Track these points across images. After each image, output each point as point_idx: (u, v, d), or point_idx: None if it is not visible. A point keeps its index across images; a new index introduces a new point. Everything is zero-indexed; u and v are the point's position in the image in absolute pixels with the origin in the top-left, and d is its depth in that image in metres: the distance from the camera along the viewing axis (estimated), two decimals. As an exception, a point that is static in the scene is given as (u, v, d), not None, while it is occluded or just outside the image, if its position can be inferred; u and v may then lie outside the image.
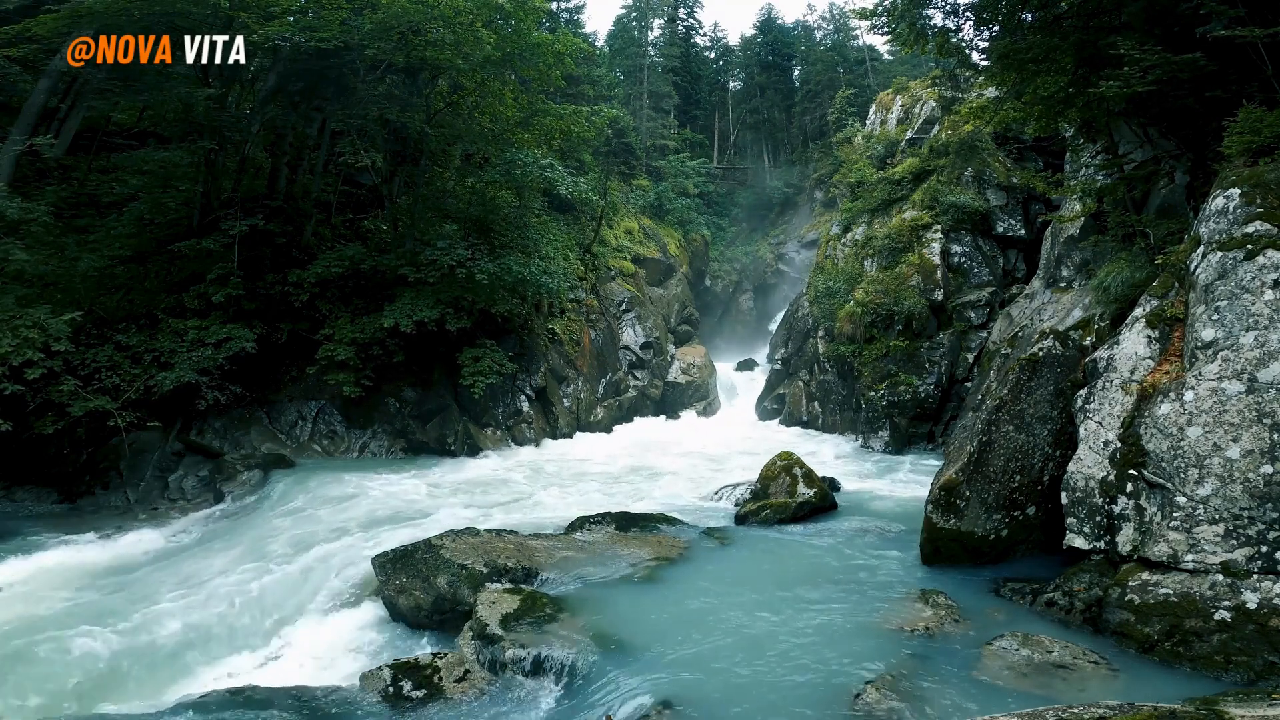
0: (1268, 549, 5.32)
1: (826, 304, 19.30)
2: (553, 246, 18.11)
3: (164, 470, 12.40)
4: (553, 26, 26.99)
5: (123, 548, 9.68)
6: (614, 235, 26.25)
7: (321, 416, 14.41)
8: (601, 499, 11.68)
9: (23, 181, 12.34)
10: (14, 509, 11.05)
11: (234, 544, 9.52)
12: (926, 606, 6.35)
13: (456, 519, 9.78)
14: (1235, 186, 6.39)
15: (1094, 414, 6.62)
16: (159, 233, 13.54)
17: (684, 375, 24.49)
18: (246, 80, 15.24)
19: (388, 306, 14.23)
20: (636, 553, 8.02)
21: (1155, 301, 6.94)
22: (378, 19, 13.20)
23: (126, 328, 12.38)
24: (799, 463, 10.59)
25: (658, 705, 4.83)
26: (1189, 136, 9.23)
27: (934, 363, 16.89)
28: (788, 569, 7.66)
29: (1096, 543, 6.27)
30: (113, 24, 11.58)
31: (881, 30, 12.28)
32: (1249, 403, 5.57)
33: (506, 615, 6.24)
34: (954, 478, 7.33)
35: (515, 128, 17.10)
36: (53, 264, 11.59)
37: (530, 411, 17.11)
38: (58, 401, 10.95)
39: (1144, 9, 8.29)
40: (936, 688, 5.00)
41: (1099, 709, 3.50)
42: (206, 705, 5.42)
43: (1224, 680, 5.02)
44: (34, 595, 7.81)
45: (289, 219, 14.99)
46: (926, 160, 20.16)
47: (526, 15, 15.60)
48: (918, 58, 29.00)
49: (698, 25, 50.33)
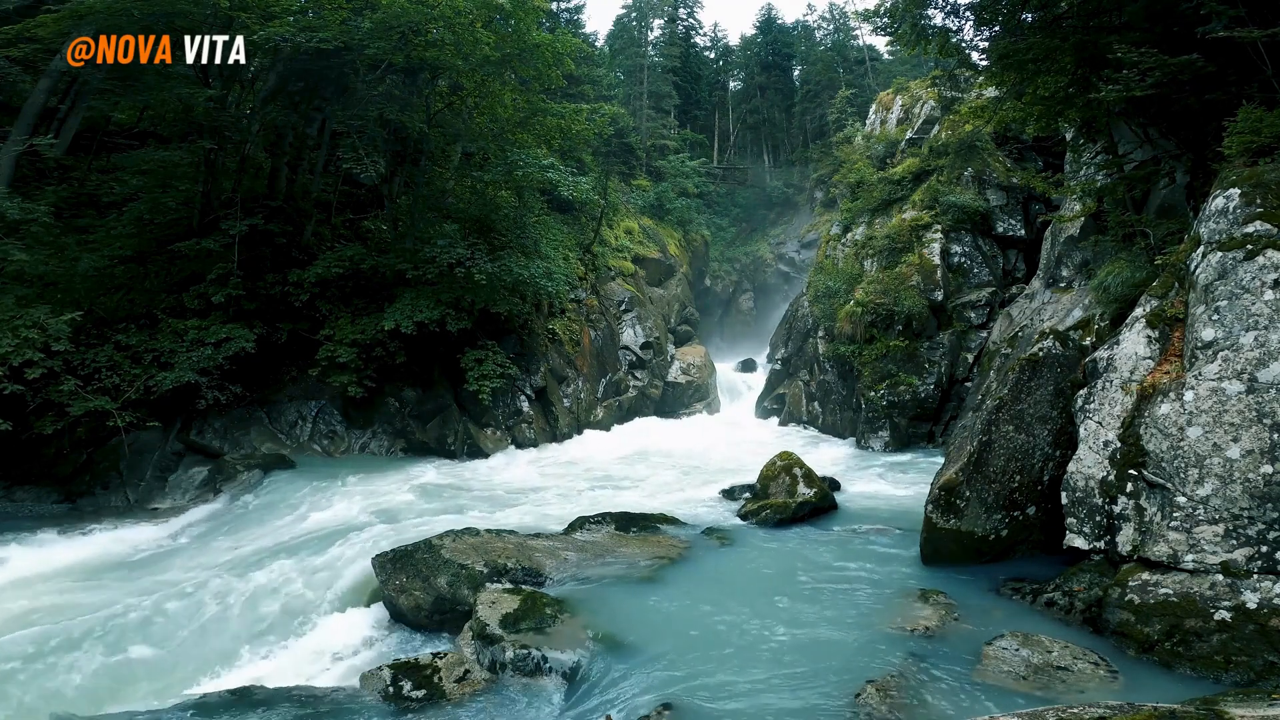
0: (1268, 549, 5.32)
1: (826, 304, 19.30)
2: (553, 246, 18.11)
3: (164, 470, 12.40)
4: (553, 26, 26.99)
5: (122, 547, 9.67)
6: (614, 235, 26.24)
7: (321, 416, 14.41)
8: (601, 499, 11.67)
9: (23, 181, 12.34)
10: (14, 509, 11.05)
11: (234, 544, 9.53)
12: (926, 606, 6.35)
13: (456, 519, 9.78)
14: (1235, 186, 6.39)
15: (1094, 414, 6.62)
16: (159, 233, 13.54)
17: (684, 375, 24.48)
18: (246, 80, 15.24)
19: (388, 307, 14.23)
20: (636, 553, 8.02)
21: (1155, 301, 6.94)
22: (378, 19, 13.20)
23: (126, 328, 12.38)
24: (799, 463, 10.59)
25: (658, 706, 4.83)
26: (1189, 136, 9.23)
27: (934, 363, 16.89)
28: (788, 569, 7.66)
29: (1096, 543, 6.27)
30: (113, 24, 11.58)
31: (882, 31, 12.30)
32: (1249, 403, 5.57)
33: (506, 615, 6.24)
34: (954, 478, 7.33)
35: (515, 128, 17.10)
36: (53, 264, 11.59)
37: (530, 411, 17.11)
38: (58, 401, 10.95)
39: (1144, 9, 8.30)
40: (936, 687, 5.00)
41: (1099, 709, 3.50)
42: (206, 705, 5.42)
43: (1224, 680, 5.02)
44: (34, 595, 7.80)
45: (289, 219, 14.99)
46: (926, 160, 20.16)
47: (526, 15, 15.60)
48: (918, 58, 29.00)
49: (698, 25, 50.37)
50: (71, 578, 8.47)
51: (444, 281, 14.43)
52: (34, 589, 8.03)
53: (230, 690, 5.67)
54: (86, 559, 9.18)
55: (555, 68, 16.69)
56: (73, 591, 8.01)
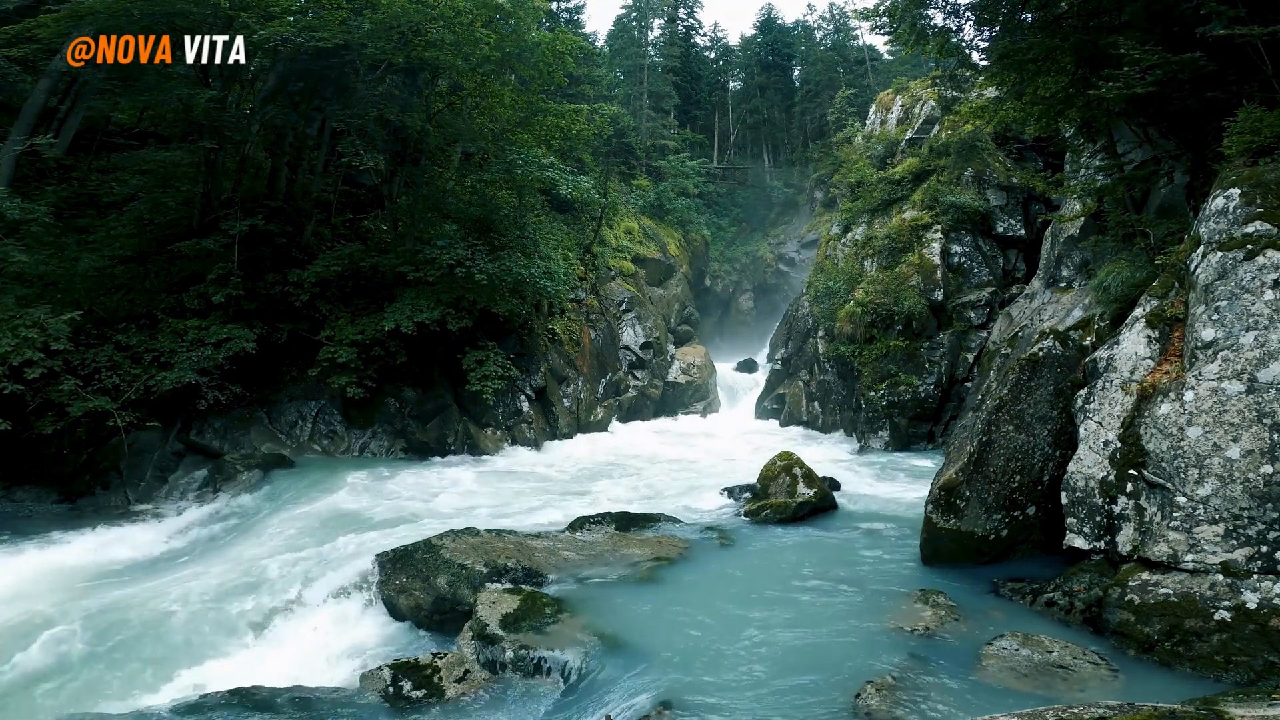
0: (1268, 549, 5.32)
1: (826, 304, 19.30)
2: (552, 246, 18.10)
3: (164, 470, 12.40)
4: (553, 26, 26.99)
5: (122, 547, 9.67)
6: (614, 235, 26.24)
7: (321, 416, 14.41)
8: (601, 499, 11.68)
9: (23, 181, 12.33)
10: (14, 509, 11.05)
11: (233, 544, 9.53)
12: (926, 606, 6.35)
13: (457, 518, 9.78)
14: (1235, 186, 6.38)
15: (1094, 414, 6.62)
16: (159, 233, 13.53)
17: (684, 375, 24.48)
18: (246, 80, 15.23)
19: (388, 307, 14.22)
20: (636, 553, 8.01)
21: (1155, 301, 6.94)
22: (378, 19, 13.19)
23: (126, 328, 12.37)
24: (799, 463, 10.59)
25: (658, 705, 4.83)
26: (1189, 136, 9.23)
27: (934, 363, 16.89)
28: (787, 569, 7.66)
29: (1096, 543, 6.27)
30: (113, 24, 11.56)
31: (882, 30, 12.31)
32: (1249, 403, 5.57)
33: (506, 615, 6.24)
34: (954, 478, 7.33)
35: (515, 128, 17.09)
36: (53, 264, 11.59)
37: (530, 411, 17.11)
38: (57, 401, 10.94)
39: (1144, 9, 8.30)
40: (936, 687, 5.00)
41: (1099, 709, 3.49)
42: (206, 705, 5.42)
43: (1224, 680, 5.02)
44: (33, 595, 7.80)
45: (289, 219, 14.99)
46: (926, 160, 20.16)
47: (526, 15, 15.60)
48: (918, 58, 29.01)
49: (698, 25, 50.37)
50: (71, 577, 8.47)
51: (444, 282, 14.43)
52: (34, 589, 8.02)
53: (230, 690, 5.67)
54: (85, 559, 9.17)
55: (555, 67, 16.69)
56: (73, 591, 8.00)
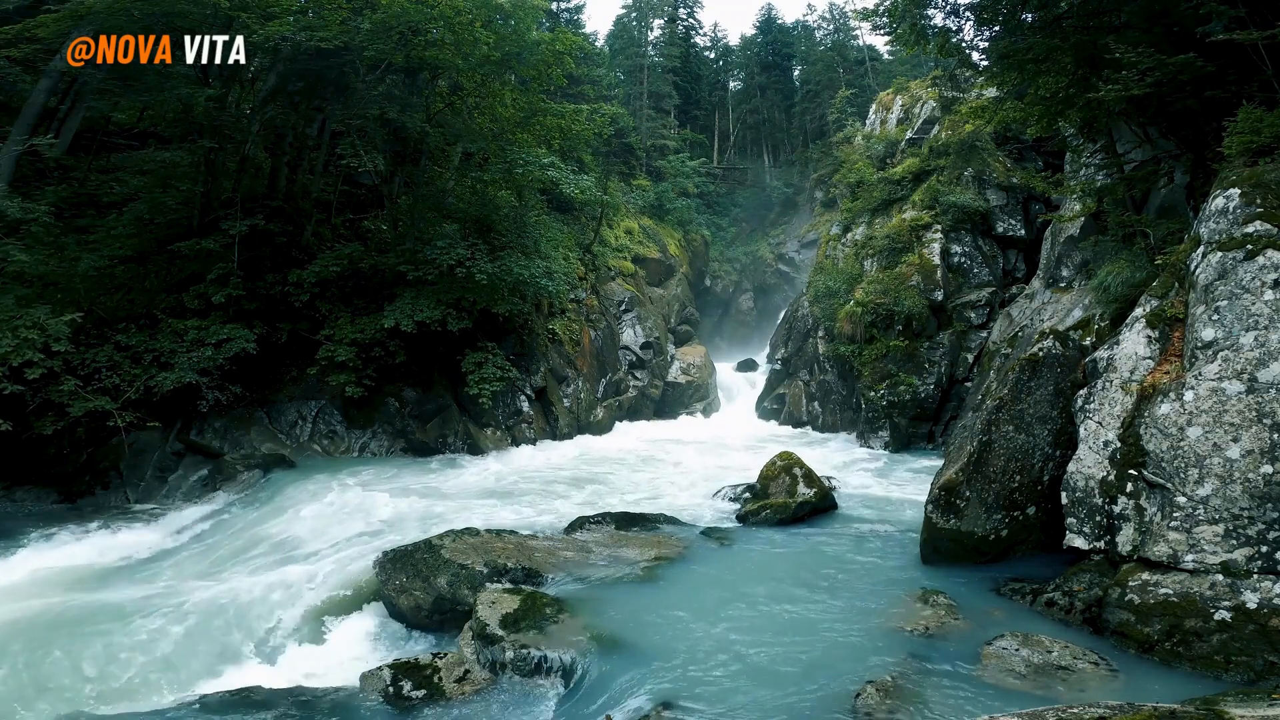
0: (1268, 549, 5.32)
1: (826, 304, 19.31)
2: (553, 246, 18.10)
3: (164, 470, 12.40)
4: (552, 26, 26.99)
5: (123, 547, 9.66)
6: (614, 235, 26.23)
7: (321, 416, 14.41)
8: (601, 499, 11.68)
9: (23, 181, 12.32)
10: (14, 509, 11.05)
11: (234, 544, 9.52)
12: (926, 606, 6.35)
13: (457, 518, 9.77)
14: (1235, 186, 6.39)
15: (1094, 414, 6.62)
16: (159, 233, 13.52)
17: (684, 375, 24.48)
18: (246, 80, 15.22)
19: (388, 306, 14.21)
20: (637, 553, 8.02)
21: (1155, 301, 6.94)
22: (378, 19, 13.19)
23: (126, 328, 12.37)
24: (799, 463, 10.59)
25: (658, 706, 4.83)
26: (1189, 136, 9.23)
27: (934, 363, 16.89)
28: (787, 569, 7.66)
29: (1096, 543, 6.27)
30: (113, 24, 11.56)
31: (882, 30, 12.31)
32: (1249, 403, 5.57)
33: (506, 615, 6.24)
34: (954, 478, 7.33)
35: (515, 128, 17.09)
36: (53, 264, 11.57)
37: (530, 411, 17.11)
38: (58, 401, 10.93)
39: (1143, 9, 8.30)
40: (936, 687, 5.00)
41: (1099, 709, 3.50)
42: (206, 706, 5.42)
43: (1224, 680, 5.02)
44: (33, 595, 7.79)
45: (289, 219, 14.98)
46: (926, 160, 20.16)
47: (526, 14, 15.60)
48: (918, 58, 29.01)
49: (698, 25, 50.33)
50: (70, 578, 8.46)
51: (444, 282, 14.43)
52: (33, 589, 8.02)
53: (230, 690, 5.68)
54: (86, 559, 9.16)
55: (555, 67, 16.70)
56: (73, 591, 8.00)
